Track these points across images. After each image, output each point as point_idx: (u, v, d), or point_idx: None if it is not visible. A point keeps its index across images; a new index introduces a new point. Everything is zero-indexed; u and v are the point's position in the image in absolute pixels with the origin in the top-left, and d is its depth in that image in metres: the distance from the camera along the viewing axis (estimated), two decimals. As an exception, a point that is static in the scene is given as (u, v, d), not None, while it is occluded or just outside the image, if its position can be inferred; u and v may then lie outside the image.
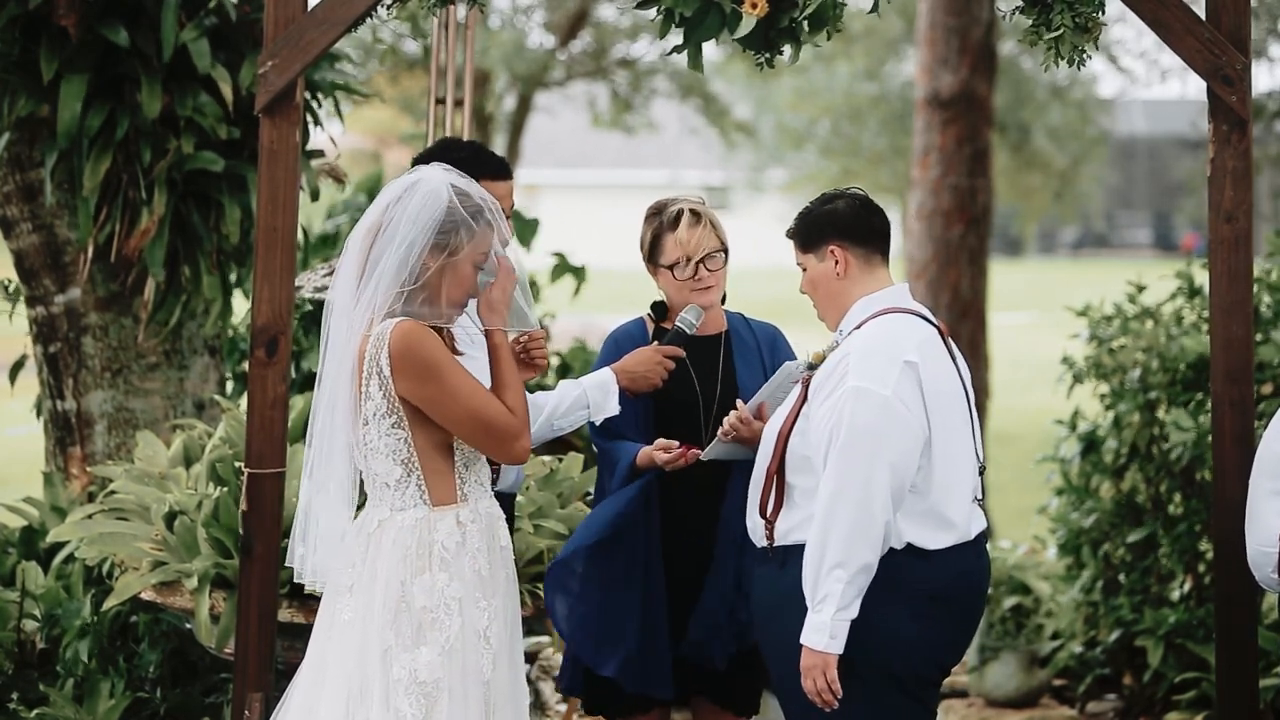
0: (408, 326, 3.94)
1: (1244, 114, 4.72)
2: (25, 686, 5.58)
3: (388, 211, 4.00)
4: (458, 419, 3.96)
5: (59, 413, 6.66)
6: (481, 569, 4.03)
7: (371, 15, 4.88)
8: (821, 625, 4.08)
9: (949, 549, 4.22)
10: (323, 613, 4.09)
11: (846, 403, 4.13)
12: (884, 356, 4.17)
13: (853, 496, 4.08)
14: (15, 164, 6.55)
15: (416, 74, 18.34)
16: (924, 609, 4.19)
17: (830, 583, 4.07)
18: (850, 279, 4.35)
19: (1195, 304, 6.99)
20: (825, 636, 4.08)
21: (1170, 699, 6.66)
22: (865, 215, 4.39)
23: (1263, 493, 4.39)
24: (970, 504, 4.29)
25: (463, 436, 3.99)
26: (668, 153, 39.91)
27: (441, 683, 3.93)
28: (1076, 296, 8.41)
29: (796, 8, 4.54)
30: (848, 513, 4.08)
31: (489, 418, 3.95)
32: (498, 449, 4.00)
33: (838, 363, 4.22)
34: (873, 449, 4.09)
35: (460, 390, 3.94)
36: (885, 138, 22.36)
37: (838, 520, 4.08)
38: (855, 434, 4.10)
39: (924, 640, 4.22)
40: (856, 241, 4.35)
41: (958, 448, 4.25)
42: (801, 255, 4.40)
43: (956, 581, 4.25)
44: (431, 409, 3.95)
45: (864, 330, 4.25)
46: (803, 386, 4.31)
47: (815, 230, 4.37)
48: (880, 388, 4.12)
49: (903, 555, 4.17)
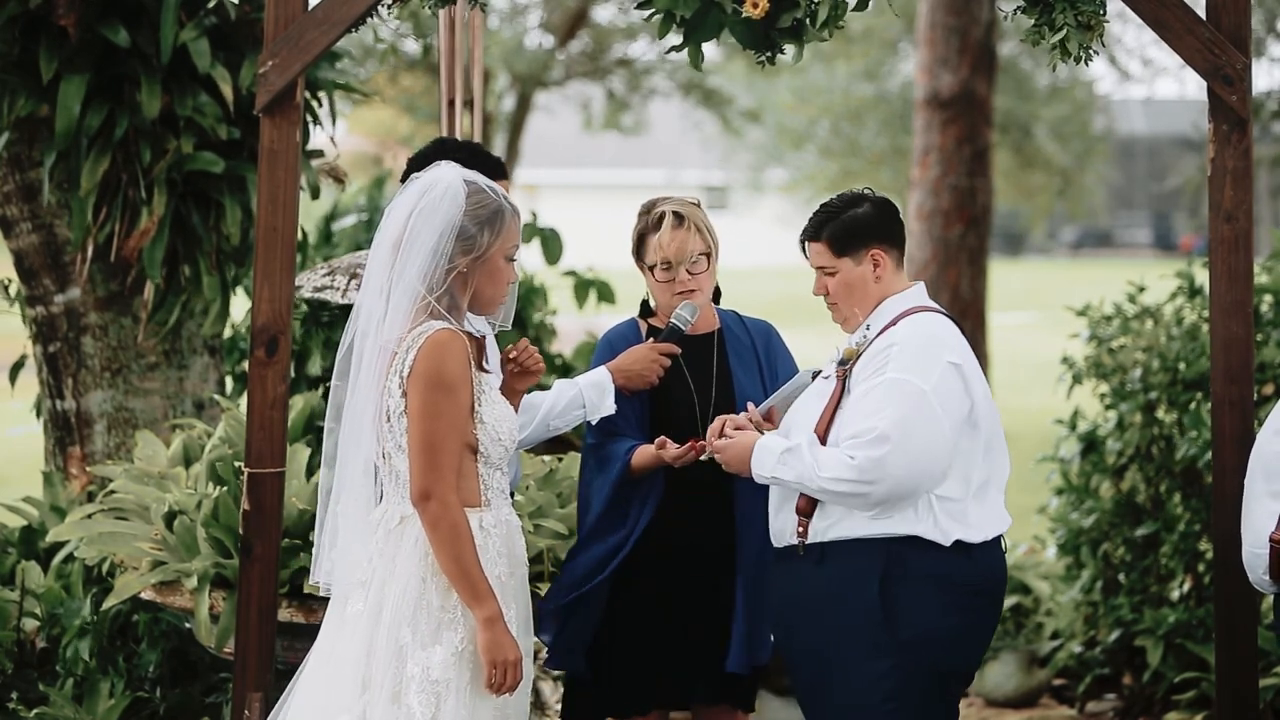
0: (445, 338, 3.95)
1: (1244, 114, 4.72)
2: (25, 686, 5.58)
3: (409, 221, 3.99)
4: (413, 436, 3.95)
5: (59, 412, 6.66)
6: (501, 574, 4.05)
7: (372, 15, 4.88)
8: (761, 464, 4.29)
9: (987, 543, 4.28)
10: (334, 605, 4.11)
11: (883, 392, 4.17)
12: (928, 354, 4.22)
13: (856, 470, 4.14)
14: (15, 164, 6.54)
15: (417, 74, 18.34)
16: (969, 604, 4.25)
17: (789, 475, 4.23)
18: (885, 281, 4.40)
19: (1195, 304, 6.99)
20: (746, 467, 4.31)
21: (1170, 699, 6.67)
22: (895, 216, 4.45)
23: (1257, 494, 4.40)
24: (1002, 499, 4.35)
25: (409, 452, 3.98)
26: (667, 152, 39.93)
27: (451, 683, 3.94)
28: (1076, 296, 8.41)
29: (798, 7, 4.54)
30: (848, 475, 4.15)
31: (432, 462, 3.93)
32: (412, 486, 3.97)
33: (876, 355, 4.25)
34: (888, 439, 4.12)
35: (439, 418, 3.94)
36: (885, 138, 22.38)
37: (841, 473, 4.16)
38: (881, 422, 4.13)
39: (969, 635, 4.29)
40: (892, 243, 4.41)
41: (998, 442, 4.32)
42: (834, 259, 4.39)
43: (995, 576, 4.32)
44: (410, 412, 3.95)
45: (901, 328, 4.29)
46: (839, 381, 4.31)
47: (856, 234, 4.38)
48: (921, 381, 4.17)
49: (950, 552, 4.21)
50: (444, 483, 3.93)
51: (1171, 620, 6.64)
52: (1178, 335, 6.90)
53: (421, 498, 3.94)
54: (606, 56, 20.62)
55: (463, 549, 3.92)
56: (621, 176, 42.05)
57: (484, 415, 4.04)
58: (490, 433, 4.05)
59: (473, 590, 3.93)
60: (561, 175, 42.95)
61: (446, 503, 3.93)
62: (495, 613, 3.94)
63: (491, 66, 18.68)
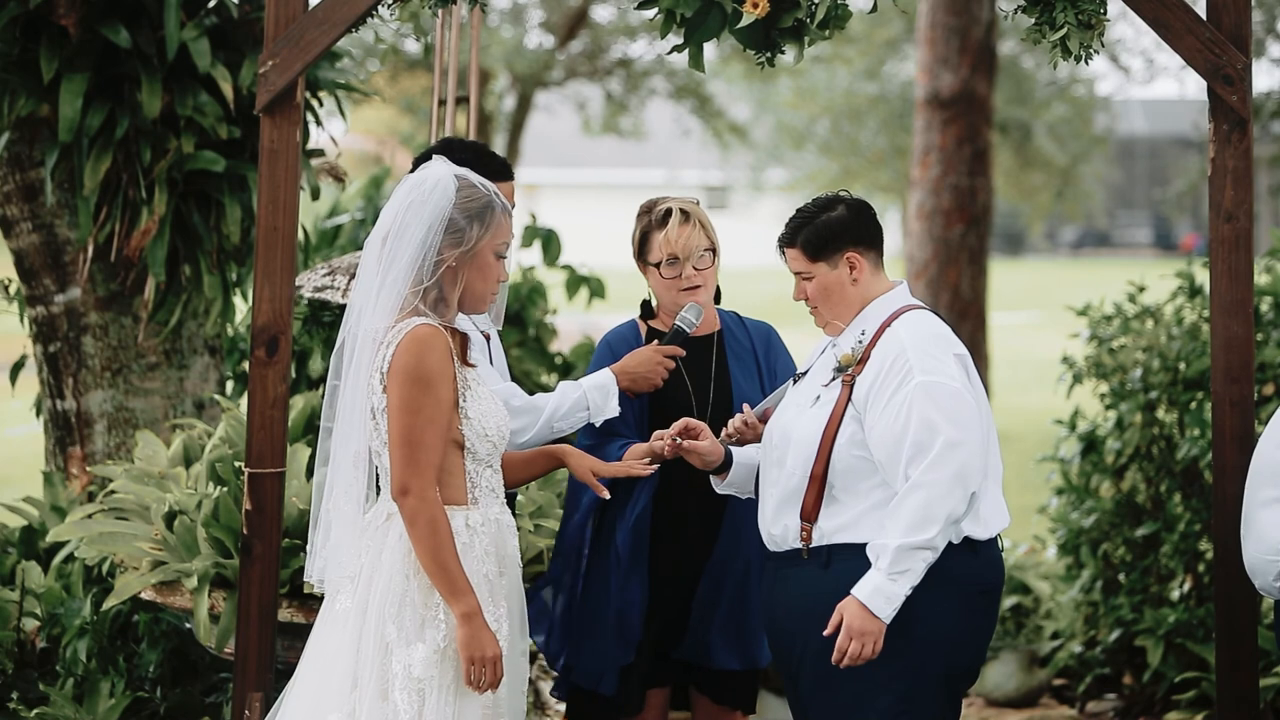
0: (424, 333, 3.95)
1: (1244, 113, 4.72)
2: (25, 686, 5.58)
3: (400, 214, 4.00)
4: (392, 431, 3.96)
5: (59, 412, 6.66)
6: (490, 573, 4.04)
7: (372, 15, 4.88)
8: (894, 596, 4.10)
9: (989, 541, 4.28)
10: (325, 603, 4.12)
11: (920, 399, 4.15)
12: (940, 350, 4.23)
13: (947, 486, 4.11)
14: (15, 164, 6.54)
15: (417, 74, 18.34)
16: (976, 603, 4.26)
17: (917, 561, 4.10)
18: (863, 283, 4.38)
19: (1195, 304, 6.99)
20: (891, 608, 4.10)
21: (1170, 699, 6.67)
22: (870, 218, 4.43)
23: (1261, 500, 4.40)
24: (1001, 495, 4.35)
25: (389, 447, 3.98)
26: (667, 153, 39.91)
27: (434, 680, 3.94)
28: (1077, 296, 8.41)
29: (799, 7, 4.54)
30: (945, 502, 4.11)
31: (410, 457, 3.93)
32: (393, 481, 3.97)
33: (890, 362, 4.22)
34: (959, 443, 4.13)
35: (418, 413, 3.94)
36: (885, 138, 22.38)
37: (937, 509, 4.10)
38: (943, 429, 4.13)
39: (975, 634, 4.29)
40: (869, 245, 4.39)
41: (993, 438, 4.32)
42: (809, 264, 4.38)
43: (997, 573, 4.33)
44: (389, 407, 3.96)
45: (900, 328, 4.28)
46: (844, 389, 4.30)
47: (830, 238, 4.36)
48: (949, 380, 4.18)
49: (959, 549, 4.21)
50: (422, 478, 3.93)
51: (1172, 620, 6.64)
52: (1178, 335, 6.90)
53: (400, 493, 3.94)
54: (606, 57, 20.62)
55: (440, 544, 3.92)
56: (621, 176, 42.05)
57: (469, 411, 4.04)
58: (476, 429, 4.04)
59: (450, 585, 3.93)
60: (561, 175, 42.94)
61: (424, 498, 3.93)
62: (473, 608, 3.93)
63: (491, 66, 18.68)
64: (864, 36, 20.94)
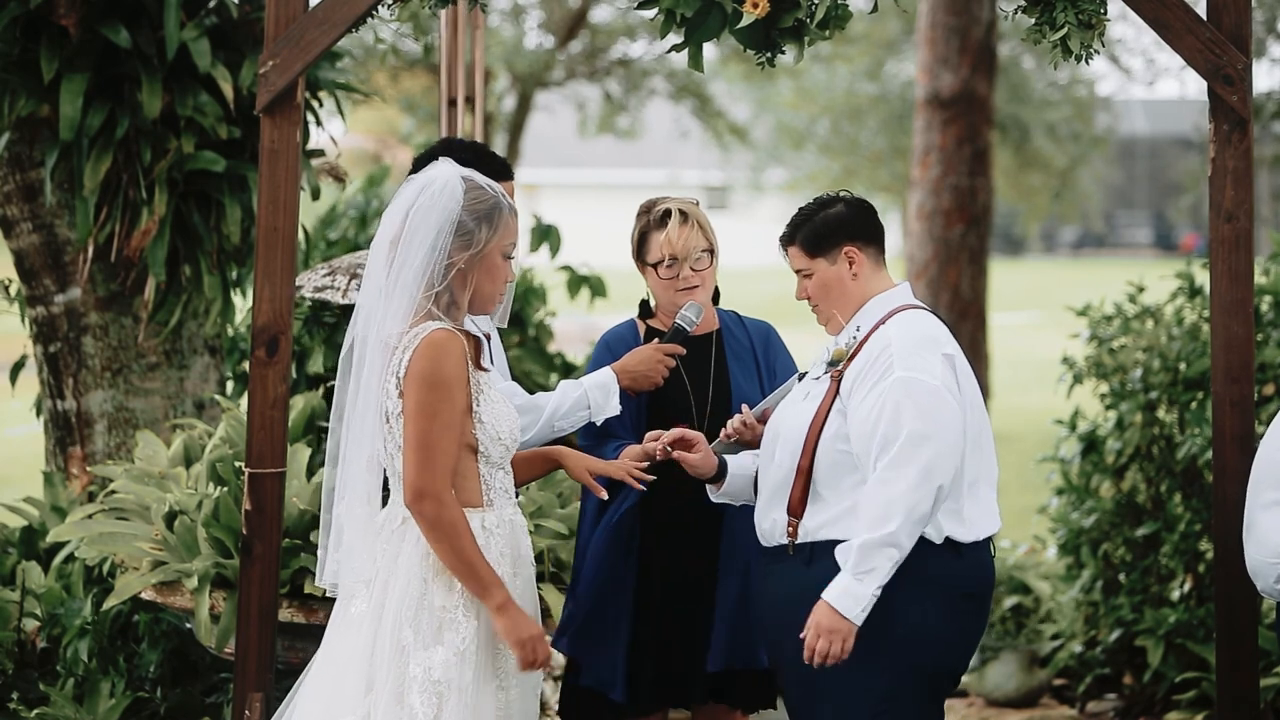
0: (441, 338, 3.94)
1: (1245, 114, 4.72)
2: (25, 686, 5.58)
3: (407, 218, 3.99)
4: (408, 435, 3.95)
5: (59, 412, 6.66)
6: (505, 574, 4.04)
7: (372, 15, 4.88)
8: (861, 596, 4.09)
9: (977, 544, 4.26)
10: (339, 605, 4.11)
11: (896, 392, 4.15)
12: (926, 349, 4.22)
13: (910, 482, 4.10)
14: (15, 164, 6.55)
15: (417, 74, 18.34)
16: (959, 606, 4.24)
17: (881, 559, 4.09)
18: (862, 279, 4.38)
19: (1195, 304, 6.99)
20: (859, 608, 4.10)
21: (1170, 699, 6.67)
22: (870, 215, 4.44)
23: (1262, 503, 4.40)
24: (994, 498, 4.34)
25: (404, 451, 3.98)
26: (667, 153, 39.90)
27: (453, 683, 3.93)
28: (1077, 296, 8.41)
29: (799, 7, 4.54)
30: (906, 498, 4.09)
31: (426, 461, 3.92)
32: (406, 484, 3.96)
33: (875, 356, 4.23)
34: (927, 437, 4.12)
35: (435, 417, 3.93)
36: (885, 138, 22.37)
37: (898, 504, 4.09)
38: (909, 422, 4.12)
39: (958, 637, 4.27)
40: (867, 241, 4.40)
41: (986, 441, 4.31)
42: (808, 260, 4.39)
43: (984, 577, 4.31)
44: (405, 412, 3.95)
45: (892, 326, 4.28)
46: (833, 383, 4.31)
47: (828, 234, 4.38)
48: (929, 378, 4.17)
49: (940, 550, 4.20)
50: (439, 482, 3.93)
51: (1172, 620, 6.64)
52: (1178, 335, 6.91)
53: (416, 497, 3.93)
54: (605, 57, 20.62)
55: (463, 544, 3.92)
56: (621, 177, 42.05)
57: (482, 415, 4.04)
58: (490, 432, 4.04)
59: (479, 581, 3.93)
60: (561, 175, 42.94)
61: (442, 500, 3.93)
62: (506, 598, 3.94)
63: (491, 66, 18.67)
64: (864, 36, 20.94)
